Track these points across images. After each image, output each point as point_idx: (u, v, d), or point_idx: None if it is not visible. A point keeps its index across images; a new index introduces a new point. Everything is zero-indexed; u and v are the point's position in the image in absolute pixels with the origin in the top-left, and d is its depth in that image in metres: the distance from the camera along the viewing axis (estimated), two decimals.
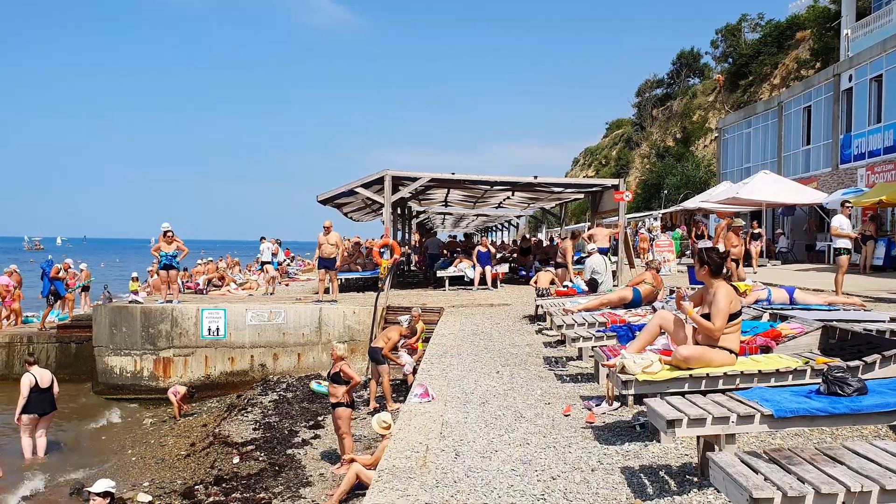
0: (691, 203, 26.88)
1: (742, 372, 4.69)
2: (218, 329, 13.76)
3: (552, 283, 12.28)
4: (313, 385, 12.03)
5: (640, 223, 34.96)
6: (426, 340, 10.82)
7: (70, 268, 19.15)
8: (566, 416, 5.74)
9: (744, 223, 11.62)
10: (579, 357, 8.10)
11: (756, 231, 19.84)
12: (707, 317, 4.77)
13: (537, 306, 11.86)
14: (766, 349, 5.66)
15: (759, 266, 18.47)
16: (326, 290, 14.74)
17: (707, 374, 4.67)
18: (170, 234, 14.36)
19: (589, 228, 18.64)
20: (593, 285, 11.50)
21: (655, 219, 33.76)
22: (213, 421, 11.36)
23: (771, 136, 28.31)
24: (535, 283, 11.89)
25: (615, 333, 6.89)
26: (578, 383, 7.02)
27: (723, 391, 4.38)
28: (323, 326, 13.63)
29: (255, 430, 10.17)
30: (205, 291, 18.42)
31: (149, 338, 13.85)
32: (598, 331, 7.15)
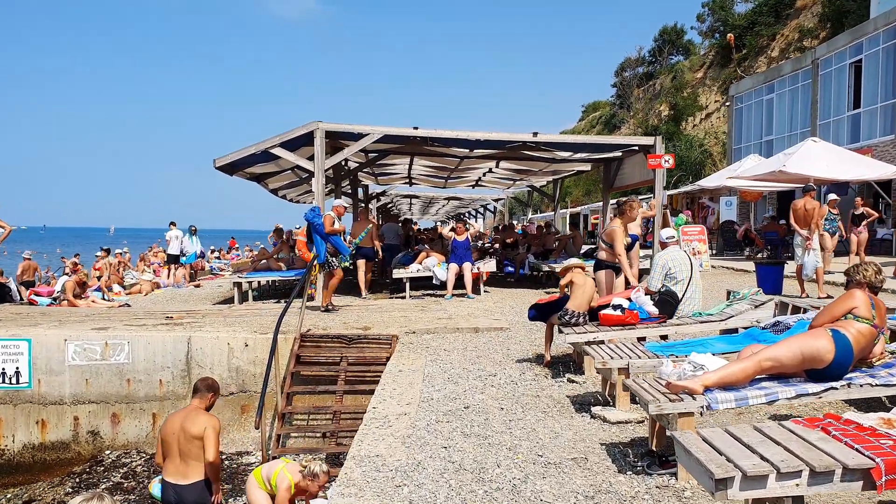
0: (711, 182, 21.90)
1: None
2: (18, 372, 8.20)
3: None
4: (153, 489, 6.58)
5: None
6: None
7: None
8: None
9: None
10: None
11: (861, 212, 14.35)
12: None
13: (546, 339, 6.56)
14: None
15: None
16: None
17: None
18: None
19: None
20: (669, 305, 6.27)
21: None
22: None
23: (802, 101, 23.46)
24: (569, 298, 6.48)
25: None
26: None
27: None
28: (194, 369, 8.13)
29: None
30: (59, 300, 12.77)
31: None
32: None
